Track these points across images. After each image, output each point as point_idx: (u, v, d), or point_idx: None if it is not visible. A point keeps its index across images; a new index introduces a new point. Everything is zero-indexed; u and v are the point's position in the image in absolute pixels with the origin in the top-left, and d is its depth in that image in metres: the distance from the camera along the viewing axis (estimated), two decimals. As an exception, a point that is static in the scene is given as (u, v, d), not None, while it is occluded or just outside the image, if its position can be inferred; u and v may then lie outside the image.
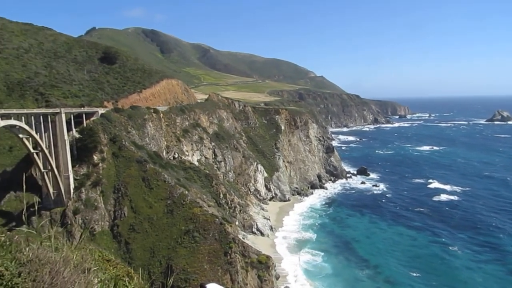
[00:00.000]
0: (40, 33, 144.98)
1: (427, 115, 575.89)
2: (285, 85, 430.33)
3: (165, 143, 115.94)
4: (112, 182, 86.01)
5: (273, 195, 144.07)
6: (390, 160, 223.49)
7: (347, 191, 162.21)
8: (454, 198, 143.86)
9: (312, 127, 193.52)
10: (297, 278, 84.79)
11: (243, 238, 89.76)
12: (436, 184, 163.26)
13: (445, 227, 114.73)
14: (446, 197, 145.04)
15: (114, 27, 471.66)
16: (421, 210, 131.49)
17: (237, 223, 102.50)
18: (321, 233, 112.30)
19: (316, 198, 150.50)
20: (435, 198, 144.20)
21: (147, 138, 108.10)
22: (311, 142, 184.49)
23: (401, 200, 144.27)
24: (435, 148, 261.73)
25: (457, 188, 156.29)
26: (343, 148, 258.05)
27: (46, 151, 77.33)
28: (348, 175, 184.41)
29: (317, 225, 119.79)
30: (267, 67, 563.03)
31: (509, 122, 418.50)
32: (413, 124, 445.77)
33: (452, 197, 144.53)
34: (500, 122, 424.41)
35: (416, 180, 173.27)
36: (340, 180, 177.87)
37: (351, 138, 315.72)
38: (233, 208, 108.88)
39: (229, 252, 72.51)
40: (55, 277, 4.19)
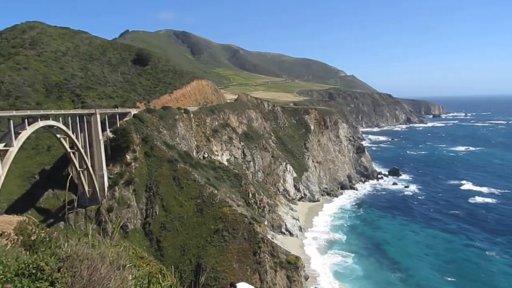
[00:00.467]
0: (77, 37, 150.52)
1: (463, 114, 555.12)
2: (315, 84, 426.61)
3: (195, 143, 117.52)
4: (144, 181, 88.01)
5: (302, 195, 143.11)
6: (423, 160, 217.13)
7: (378, 192, 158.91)
8: (490, 200, 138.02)
9: (342, 127, 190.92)
10: (326, 280, 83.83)
11: (272, 238, 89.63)
12: (471, 186, 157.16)
13: (481, 231, 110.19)
14: (482, 199, 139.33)
15: (146, 30, 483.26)
16: (455, 212, 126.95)
17: (266, 223, 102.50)
18: (351, 235, 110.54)
19: (346, 199, 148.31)
20: (470, 201, 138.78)
21: (177, 138, 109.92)
22: (341, 142, 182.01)
23: (434, 202, 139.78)
24: (471, 148, 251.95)
25: (493, 190, 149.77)
26: (374, 148, 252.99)
27: (82, 151, 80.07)
28: (379, 175, 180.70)
29: (347, 226, 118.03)
30: (297, 66, 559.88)
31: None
32: (448, 123, 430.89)
33: (488, 200, 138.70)
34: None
35: (450, 182, 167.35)
36: (370, 180, 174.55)
37: (383, 138, 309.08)
38: (262, 208, 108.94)
39: (258, 251, 72.58)
40: (93, 273, 4.29)
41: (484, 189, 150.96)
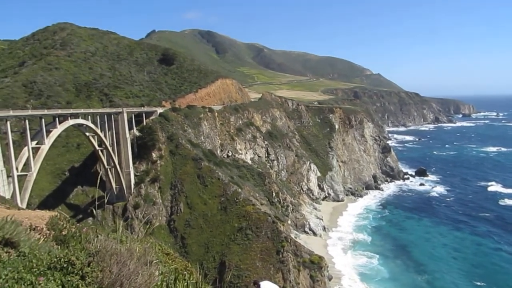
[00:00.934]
0: (105, 37, 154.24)
1: (494, 114, 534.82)
2: (340, 83, 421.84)
3: (220, 141, 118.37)
4: (169, 179, 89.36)
5: (326, 195, 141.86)
6: (451, 161, 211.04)
7: (404, 192, 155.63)
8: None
9: (367, 126, 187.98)
10: (351, 280, 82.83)
11: (296, 237, 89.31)
12: (501, 188, 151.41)
13: (511, 235, 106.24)
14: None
15: (172, 30, 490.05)
16: (484, 215, 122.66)
17: (289, 222, 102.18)
18: (376, 236, 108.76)
19: (371, 199, 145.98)
20: (500, 203, 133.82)
21: (202, 137, 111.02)
22: (366, 141, 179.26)
23: (463, 204, 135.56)
24: (502, 149, 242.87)
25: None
26: (400, 148, 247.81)
27: (110, 149, 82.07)
28: (405, 176, 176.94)
29: (371, 227, 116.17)
30: (321, 65, 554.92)
31: None
32: (478, 123, 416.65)
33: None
34: None
35: (479, 183, 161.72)
36: (396, 181, 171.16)
37: (409, 137, 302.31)
38: (285, 207, 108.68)
39: (282, 250, 72.44)
40: (121, 268, 4.36)
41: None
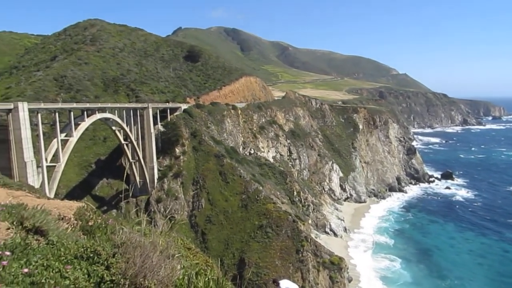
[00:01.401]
0: (133, 34, 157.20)
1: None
2: (365, 83, 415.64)
3: (242, 139, 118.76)
4: (191, 175, 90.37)
5: (348, 195, 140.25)
6: (479, 165, 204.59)
7: (429, 196, 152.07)
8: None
9: (392, 127, 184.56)
10: (371, 283, 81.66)
11: (316, 237, 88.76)
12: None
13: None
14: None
15: (198, 27, 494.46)
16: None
17: (310, 221, 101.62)
18: (399, 239, 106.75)
19: (395, 202, 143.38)
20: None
21: (225, 134, 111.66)
22: (390, 142, 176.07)
23: (490, 210, 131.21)
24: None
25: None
26: (426, 150, 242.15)
27: (135, 143, 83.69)
28: (430, 179, 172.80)
29: (394, 230, 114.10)
30: (347, 64, 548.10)
31: None
32: (508, 126, 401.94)
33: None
34: None
35: (508, 188, 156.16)
36: (421, 184, 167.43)
37: (436, 139, 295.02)
38: (306, 206, 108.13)
39: (301, 250, 72.17)
40: (145, 260, 4.42)
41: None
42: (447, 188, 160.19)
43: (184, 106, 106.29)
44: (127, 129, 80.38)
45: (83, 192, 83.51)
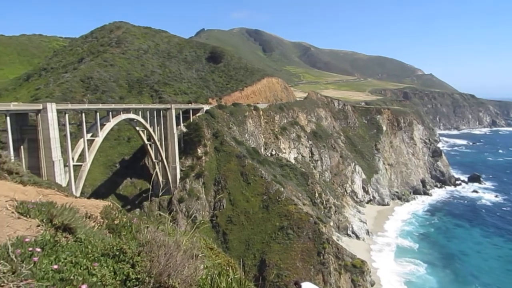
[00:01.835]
0: (157, 36, 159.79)
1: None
2: (389, 83, 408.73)
3: (264, 139, 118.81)
4: (213, 175, 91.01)
5: (371, 198, 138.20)
6: (508, 167, 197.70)
7: (455, 199, 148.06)
8: None
9: (417, 128, 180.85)
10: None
11: (337, 240, 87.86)
12: None
13: None
14: None
15: (221, 28, 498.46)
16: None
17: (331, 223, 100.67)
18: (423, 243, 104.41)
19: (419, 205, 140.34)
20: None
21: (246, 134, 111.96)
22: (415, 144, 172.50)
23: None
24: None
25: None
26: (452, 152, 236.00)
27: (158, 143, 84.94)
28: (457, 182, 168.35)
29: (419, 233, 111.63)
30: (370, 65, 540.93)
31: None
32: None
33: None
34: None
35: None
36: (447, 187, 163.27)
37: (463, 141, 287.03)
38: (328, 208, 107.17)
39: (323, 252, 71.56)
40: (169, 259, 4.46)
41: None
42: (474, 191, 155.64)
43: (206, 107, 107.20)
44: (151, 130, 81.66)
45: (107, 191, 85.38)
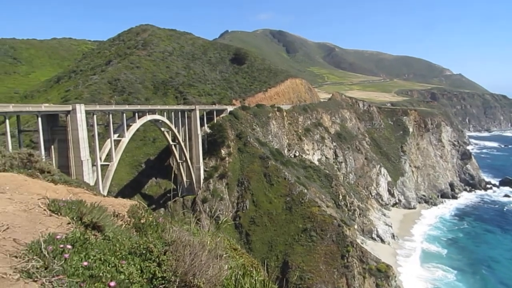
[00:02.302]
0: (182, 38, 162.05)
1: None
2: (416, 84, 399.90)
3: (287, 141, 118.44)
4: (236, 176, 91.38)
5: (397, 201, 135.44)
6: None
7: (485, 203, 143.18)
8: None
9: (445, 130, 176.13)
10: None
11: (362, 243, 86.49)
12: None
13: None
14: None
15: (244, 30, 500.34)
16: None
17: (356, 226, 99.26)
18: (452, 248, 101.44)
19: (447, 209, 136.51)
20: None
21: (270, 136, 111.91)
22: (443, 146, 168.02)
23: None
24: None
25: None
26: (482, 155, 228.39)
27: (182, 144, 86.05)
28: (487, 185, 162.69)
29: (447, 238, 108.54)
30: (396, 65, 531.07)
31: None
32: None
33: None
34: None
35: None
36: (477, 191, 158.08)
37: (494, 144, 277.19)
38: (352, 211, 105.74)
39: (347, 255, 70.61)
40: (194, 259, 4.50)
41: None
42: (506, 196, 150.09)
43: (230, 108, 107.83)
44: (175, 130, 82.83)
45: (133, 191, 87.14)
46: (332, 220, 76.86)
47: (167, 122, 79.52)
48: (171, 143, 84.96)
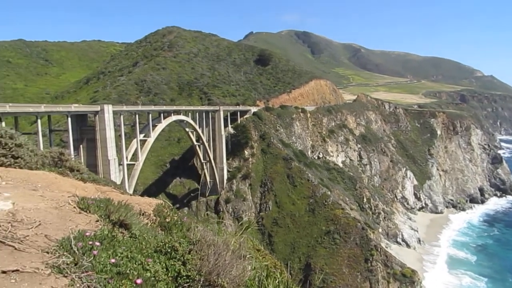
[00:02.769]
0: (207, 39, 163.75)
1: None
2: (444, 85, 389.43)
3: (311, 142, 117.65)
4: (259, 177, 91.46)
5: (423, 205, 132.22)
6: None
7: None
8: None
9: (475, 133, 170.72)
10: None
11: (386, 247, 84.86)
12: None
13: None
14: None
15: (269, 31, 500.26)
16: None
17: (380, 230, 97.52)
18: (482, 255, 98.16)
19: (476, 214, 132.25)
20: None
21: (293, 137, 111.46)
22: (472, 150, 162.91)
23: None
24: None
25: None
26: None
27: (206, 144, 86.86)
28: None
29: (476, 245, 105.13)
30: (424, 66, 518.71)
31: None
32: None
33: None
34: None
35: None
36: (508, 196, 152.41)
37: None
38: (376, 214, 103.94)
39: (370, 259, 69.51)
40: (218, 258, 4.53)
41: None
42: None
43: (253, 109, 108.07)
44: (200, 131, 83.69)
45: (158, 190, 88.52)
46: (356, 223, 75.83)
47: (192, 122, 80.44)
48: (195, 143, 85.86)
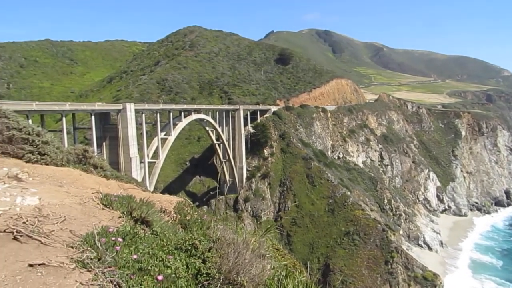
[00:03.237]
0: (228, 39, 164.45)
1: None
2: (470, 85, 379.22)
3: (331, 142, 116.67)
4: (278, 176, 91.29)
5: (446, 207, 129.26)
6: None
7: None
8: None
9: (501, 134, 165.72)
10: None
11: (407, 250, 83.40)
12: None
13: None
14: None
15: (290, 30, 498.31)
16: None
17: (401, 232, 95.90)
18: (507, 260, 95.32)
19: (501, 218, 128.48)
20: None
21: (313, 136, 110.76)
22: (499, 151, 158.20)
23: None
24: None
25: None
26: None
27: (226, 143, 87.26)
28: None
29: (502, 249, 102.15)
30: (449, 65, 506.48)
31: None
32: None
33: None
34: None
35: None
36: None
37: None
38: (397, 215, 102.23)
39: (391, 261, 68.45)
40: (238, 257, 4.54)
41: None
42: None
43: (273, 108, 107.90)
44: (219, 130, 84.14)
45: (178, 188, 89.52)
46: (376, 224, 74.79)
47: (212, 121, 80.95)
48: (215, 142, 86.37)
